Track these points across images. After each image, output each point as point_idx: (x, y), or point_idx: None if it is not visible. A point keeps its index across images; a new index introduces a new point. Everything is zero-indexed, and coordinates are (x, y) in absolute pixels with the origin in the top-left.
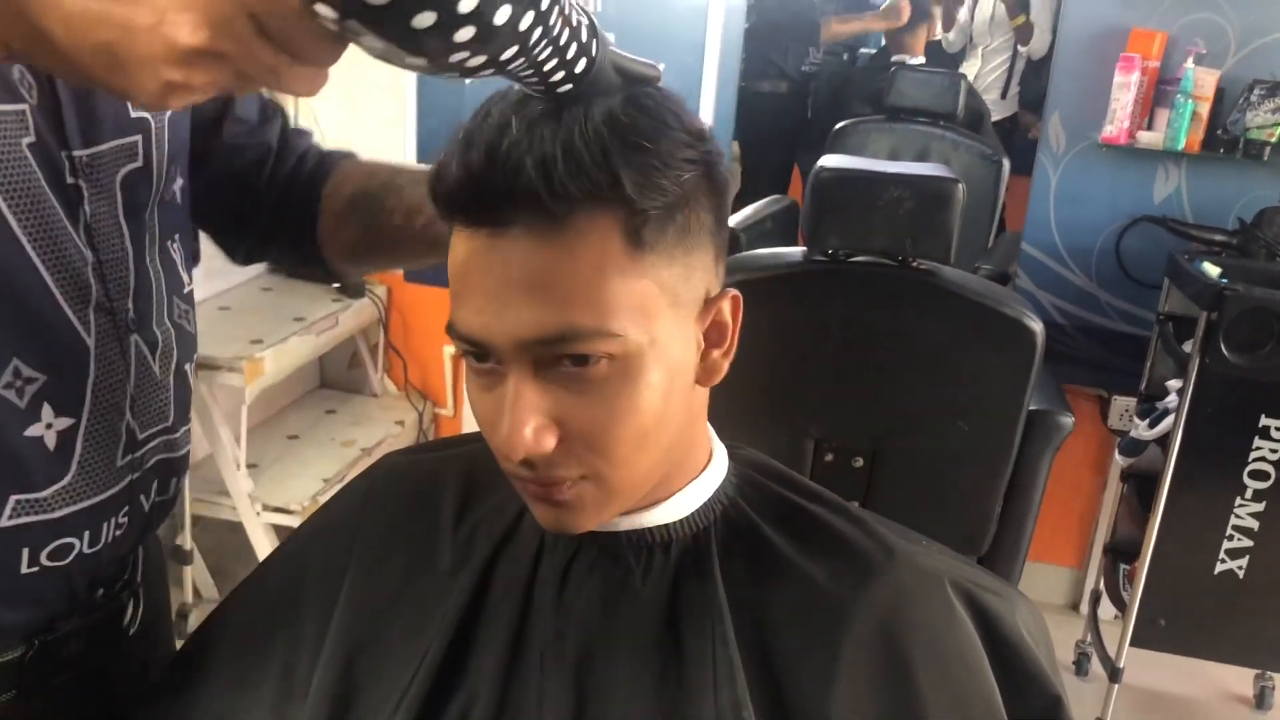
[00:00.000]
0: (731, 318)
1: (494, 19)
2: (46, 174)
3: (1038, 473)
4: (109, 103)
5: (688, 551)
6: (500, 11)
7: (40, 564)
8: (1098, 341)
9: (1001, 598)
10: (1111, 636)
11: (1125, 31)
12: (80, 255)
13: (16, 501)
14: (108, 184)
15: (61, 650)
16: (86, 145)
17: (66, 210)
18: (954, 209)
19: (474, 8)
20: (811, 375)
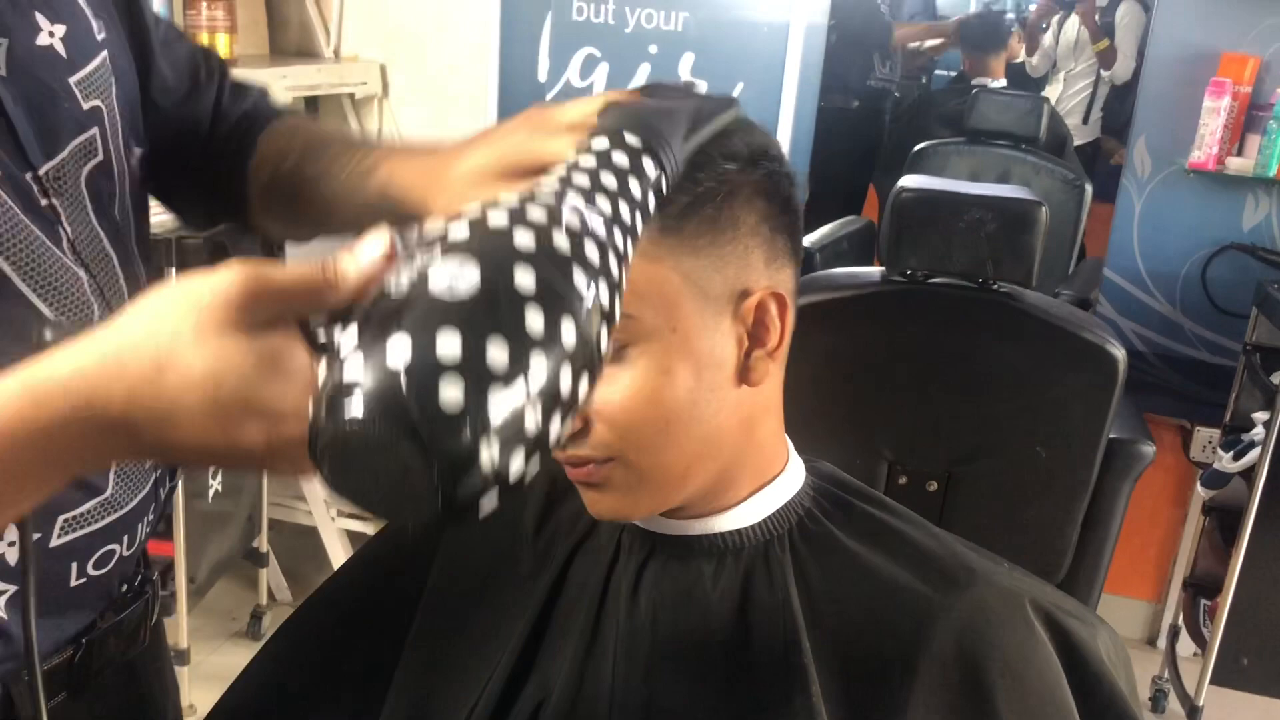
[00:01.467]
0: (779, 318)
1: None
2: (21, 204)
3: (1116, 503)
4: (61, 103)
5: (759, 557)
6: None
7: (87, 574)
8: (1180, 371)
9: (1084, 622)
10: (1190, 674)
11: (1215, 56)
12: (75, 278)
13: (63, 521)
14: (74, 191)
15: (102, 649)
16: (48, 157)
17: (49, 235)
18: (1037, 231)
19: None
20: (887, 396)
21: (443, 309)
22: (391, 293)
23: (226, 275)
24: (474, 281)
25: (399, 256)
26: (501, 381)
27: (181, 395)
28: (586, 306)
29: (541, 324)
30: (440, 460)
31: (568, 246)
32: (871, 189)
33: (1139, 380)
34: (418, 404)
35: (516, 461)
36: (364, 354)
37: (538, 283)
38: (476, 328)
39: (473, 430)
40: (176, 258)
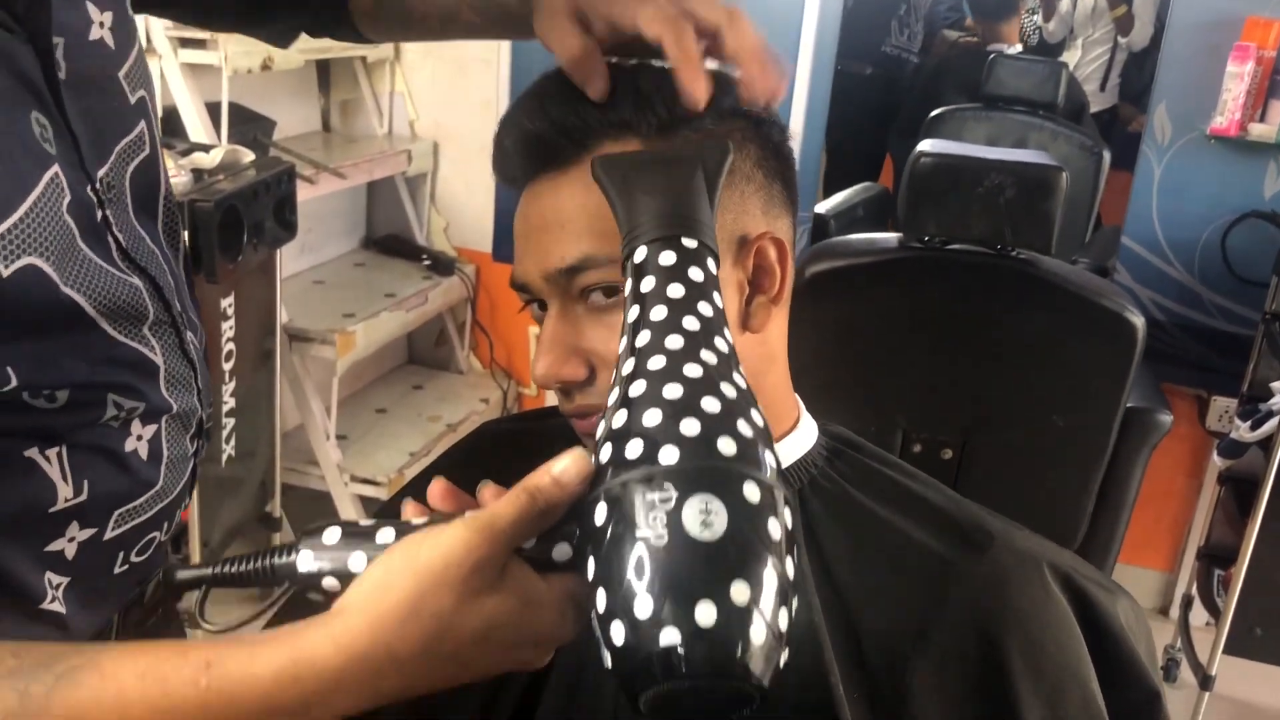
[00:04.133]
0: (779, 264)
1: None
2: (81, 226)
3: (1132, 472)
4: (113, 100)
5: None
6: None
7: (130, 561)
8: (1198, 340)
9: (1103, 587)
10: (1203, 643)
11: (1239, 20)
12: (131, 288)
13: (118, 515)
14: (120, 193)
15: (125, 621)
16: (102, 162)
17: (100, 252)
18: (1057, 198)
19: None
20: (902, 363)
21: (720, 558)
22: (651, 541)
23: (462, 542)
24: (725, 520)
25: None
26: (783, 600)
27: (455, 656)
28: (779, 485)
29: (780, 529)
30: (762, 686)
31: (750, 432)
32: (888, 156)
33: (1156, 349)
34: (738, 650)
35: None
36: (668, 617)
37: (761, 490)
38: (751, 566)
39: (779, 647)
40: (189, 222)
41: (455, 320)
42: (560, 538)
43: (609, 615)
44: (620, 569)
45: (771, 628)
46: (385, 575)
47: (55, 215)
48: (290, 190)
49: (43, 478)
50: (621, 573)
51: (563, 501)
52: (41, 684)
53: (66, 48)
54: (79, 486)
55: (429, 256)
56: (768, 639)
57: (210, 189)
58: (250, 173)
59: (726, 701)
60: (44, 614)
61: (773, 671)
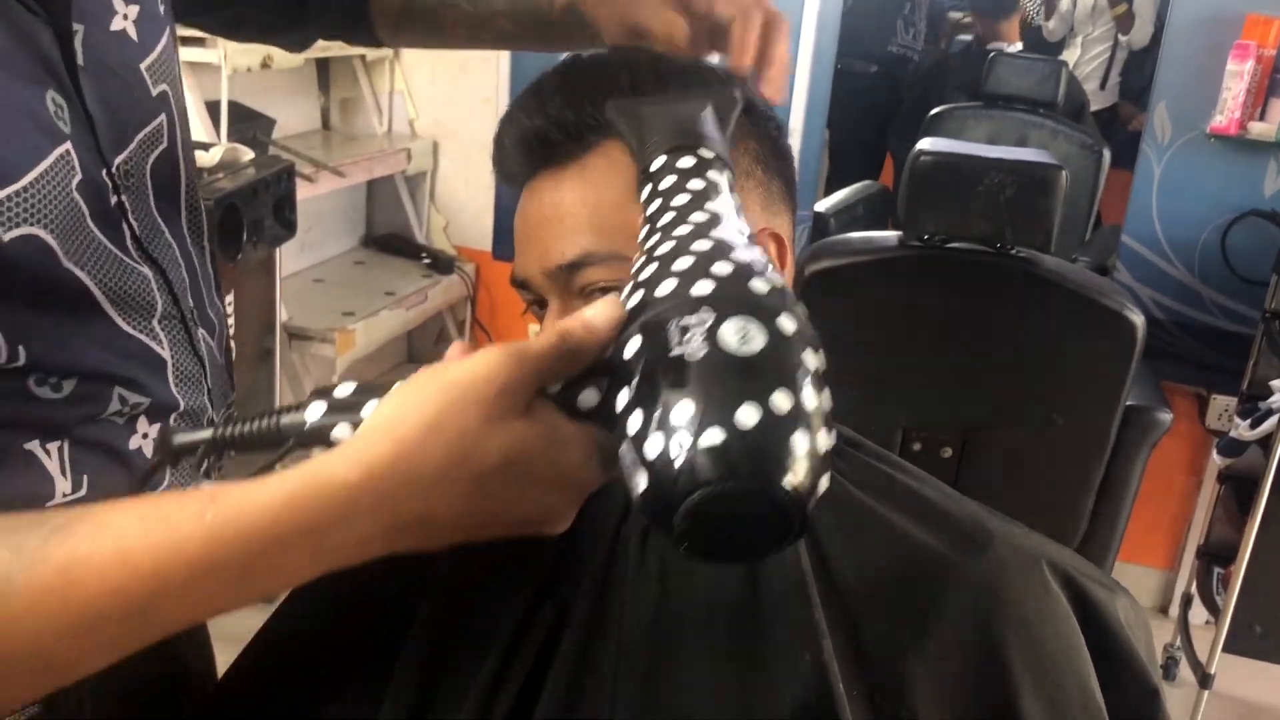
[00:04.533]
0: (779, 260)
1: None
2: (92, 208)
3: (1132, 470)
4: (133, 90)
5: None
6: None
7: None
8: (1198, 338)
9: (1102, 585)
10: (1202, 642)
11: (1239, 18)
12: (139, 276)
13: None
14: (140, 182)
15: None
16: (120, 150)
17: (113, 238)
18: (1056, 196)
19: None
20: (902, 362)
21: (760, 367)
22: (685, 357)
23: (490, 364)
24: (764, 338)
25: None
26: (821, 419)
27: (478, 484)
28: (802, 311)
29: (816, 360)
30: (801, 499)
31: (780, 282)
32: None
33: (1156, 348)
34: (781, 456)
35: (827, 476)
36: (718, 424)
37: (798, 324)
38: (791, 380)
39: (817, 466)
40: None
41: (455, 319)
42: (587, 384)
43: (643, 433)
44: (655, 387)
45: (814, 442)
46: (409, 393)
47: (63, 191)
48: (290, 189)
49: (40, 471)
50: (657, 390)
51: (591, 346)
52: (35, 538)
53: (86, 35)
54: (78, 482)
55: (429, 255)
56: (811, 451)
57: (210, 187)
58: (250, 171)
59: (763, 525)
60: None
61: (814, 491)
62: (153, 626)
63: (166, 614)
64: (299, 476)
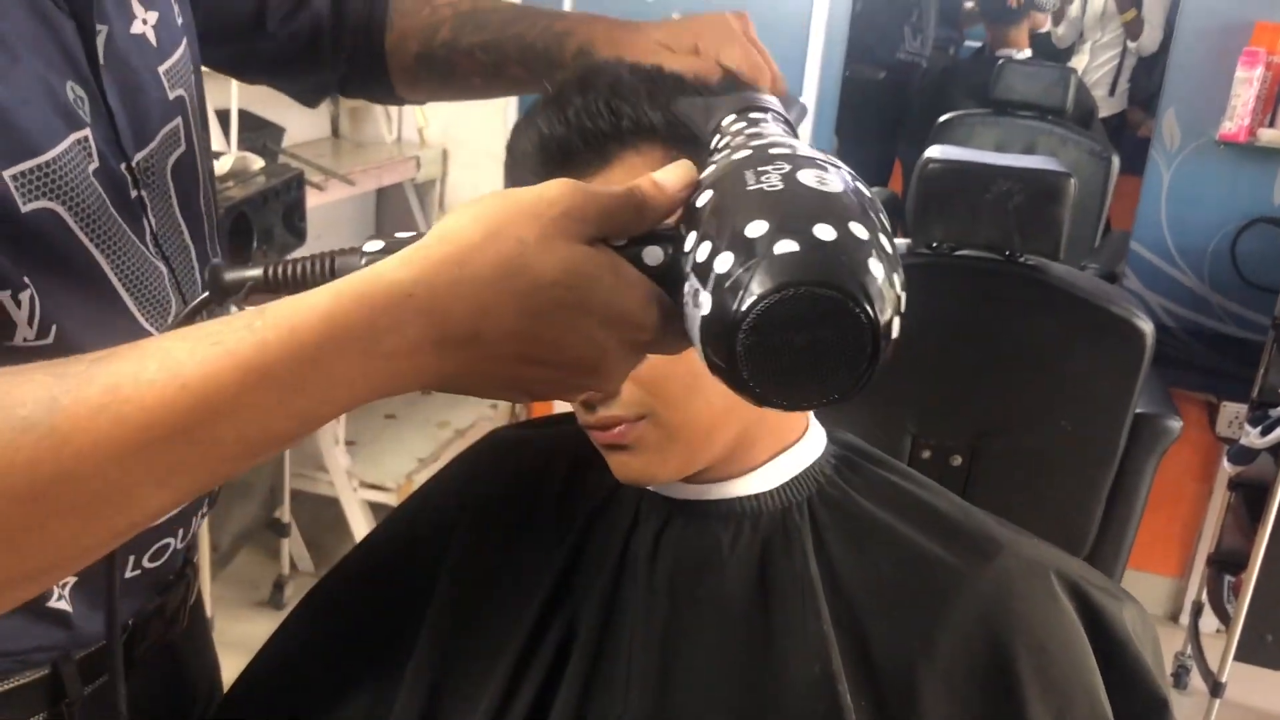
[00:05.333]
0: None
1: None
2: (112, 196)
3: (1142, 477)
4: (152, 92)
5: (777, 524)
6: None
7: (142, 566)
8: (1207, 345)
9: (1110, 595)
10: (1213, 650)
11: (1249, 25)
12: (155, 271)
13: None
14: (161, 182)
15: (145, 633)
16: (140, 147)
17: (133, 227)
18: (1065, 204)
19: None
20: (911, 370)
21: (838, 201)
22: (765, 189)
23: (558, 189)
24: (840, 182)
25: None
26: (894, 261)
27: (530, 299)
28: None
29: (883, 217)
30: (878, 325)
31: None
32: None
33: (1166, 355)
34: (859, 273)
35: (898, 329)
36: (792, 236)
37: (858, 194)
38: (867, 219)
39: (893, 302)
40: None
41: None
42: (652, 243)
43: (713, 255)
44: (728, 215)
45: (891, 276)
46: (472, 206)
47: (80, 174)
48: (299, 196)
49: None
50: (729, 218)
51: (660, 203)
52: (79, 365)
53: (110, 36)
54: None
55: None
56: (888, 281)
57: (220, 195)
58: (260, 179)
59: (834, 351)
60: (50, 612)
61: (889, 323)
62: (208, 449)
63: (220, 432)
64: (352, 279)
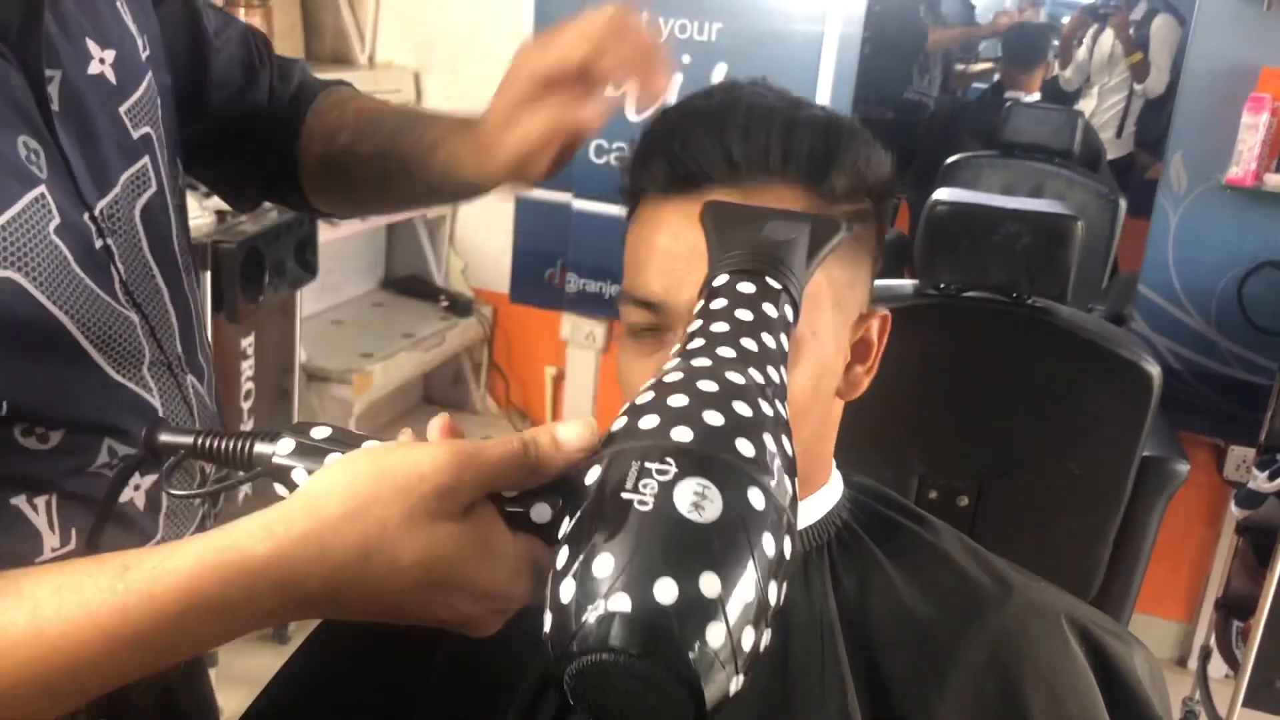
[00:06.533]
0: (878, 337)
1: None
2: (76, 252)
3: (1149, 521)
4: (112, 134)
5: (799, 567)
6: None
7: None
8: (1215, 388)
9: (1120, 639)
10: (1222, 695)
11: (1255, 70)
12: (125, 321)
13: None
14: (129, 227)
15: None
16: (102, 194)
17: (100, 281)
18: (1072, 247)
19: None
20: (919, 410)
21: (701, 541)
22: (635, 505)
23: (433, 461)
24: (718, 509)
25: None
26: (753, 617)
27: (389, 579)
28: (784, 522)
29: (775, 548)
30: (702, 698)
31: (774, 449)
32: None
33: (1173, 397)
34: (688, 643)
35: (746, 674)
36: (629, 593)
37: (768, 502)
38: (731, 565)
39: (734, 667)
40: (211, 262)
41: (472, 361)
42: (544, 499)
43: (564, 572)
44: (591, 527)
45: (732, 641)
46: (343, 472)
47: (40, 235)
48: (311, 231)
49: (28, 527)
50: (591, 531)
51: (556, 463)
52: None
53: (64, 80)
54: (66, 536)
55: (447, 297)
56: (724, 648)
57: (232, 230)
58: (273, 214)
59: (654, 709)
60: None
61: (718, 691)
62: (72, 696)
63: (85, 685)
64: (212, 544)
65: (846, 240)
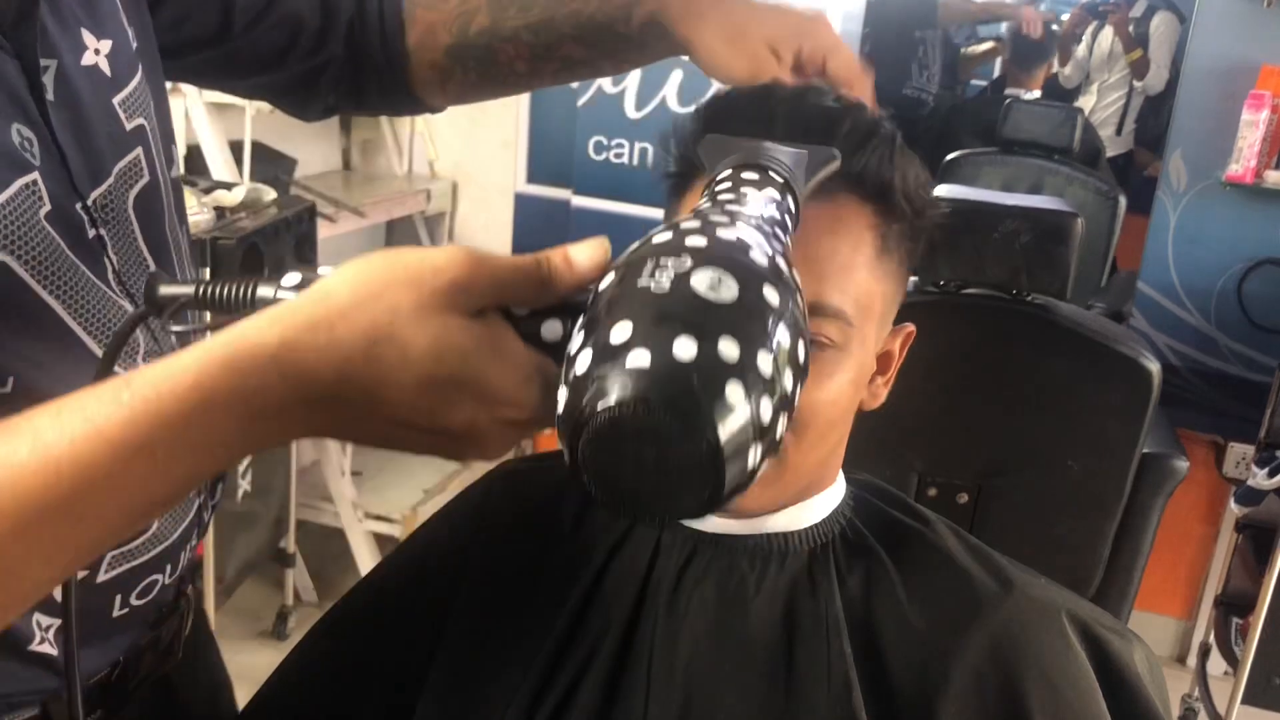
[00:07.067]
0: (900, 350)
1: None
2: (68, 239)
3: (1149, 518)
4: (106, 124)
5: (803, 565)
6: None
7: (130, 605)
8: (1214, 386)
9: (1120, 636)
10: (1221, 692)
11: (1255, 67)
12: (118, 309)
13: (112, 557)
14: (122, 217)
15: (138, 666)
16: (96, 184)
17: (93, 268)
18: (1072, 243)
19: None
20: (918, 408)
21: (719, 313)
22: (650, 288)
23: (448, 257)
24: (735, 292)
25: (615, 263)
26: (767, 388)
27: (396, 371)
28: (795, 322)
29: (790, 341)
30: (720, 455)
31: (788, 272)
32: None
33: (1173, 395)
34: (707, 398)
35: (762, 459)
36: (648, 348)
37: (780, 301)
38: (749, 336)
39: (749, 430)
40: (210, 259)
41: None
42: (555, 317)
43: (579, 350)
44: (608, 310)
45: (752, 407)
46: (355, 266)
47: (31, 221)
48: (311, 228)
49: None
50: (607, 312)
51: (566, 280)
52: None
53: (59, 70)
54: None
55: None
56: (745, 412)
57: (232, 227)
58: (272, 211)
59: (675, 477)
60: (34, 656)
61: (737, 455)
62: (90, 524)
63: (101, 508)
64: (218, 341)
65: (896, 257)
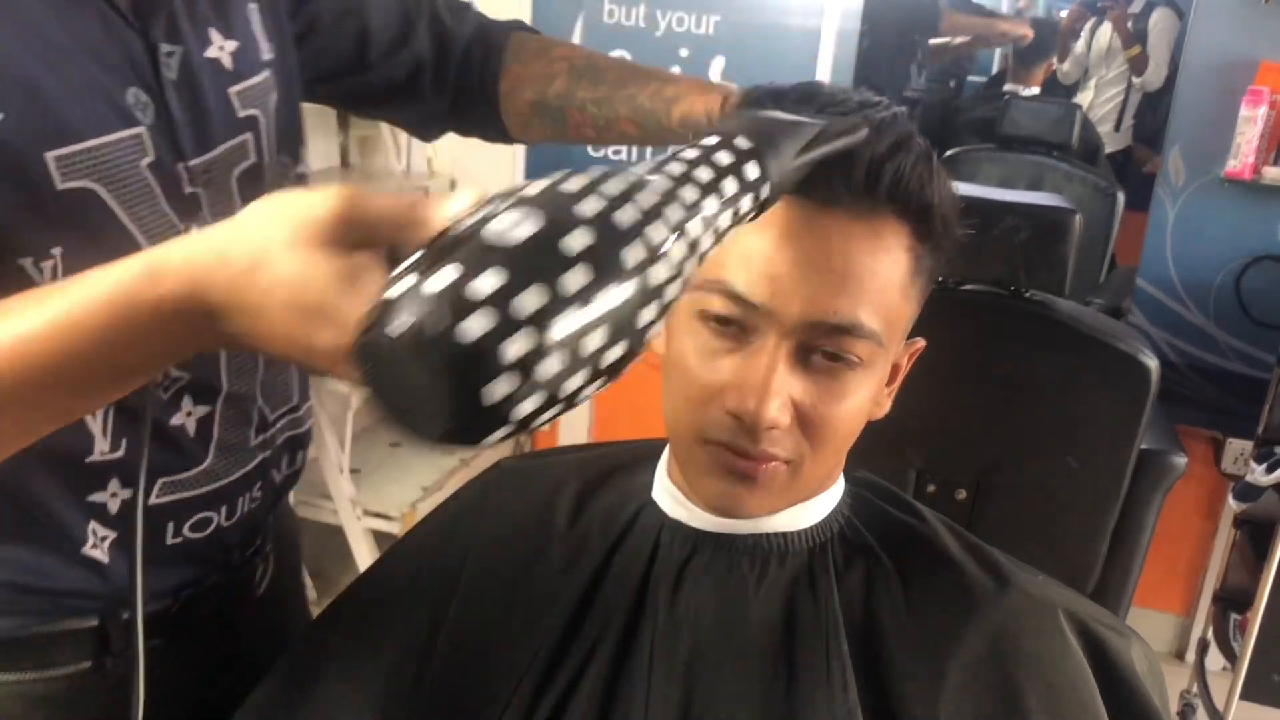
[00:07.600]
0: (907, 363)
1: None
2: (166, 188)
3: (1147, 514)
4: (219, 108)
5: (803, 564)
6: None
7: (184, 535)
8: (1213, 382)
9: (1118, 633)
10: (1219, 689)
11: (1254, 64)
12: None
13: (163, 483)
14: (224, 186)
15: (201, 605)
16: (200, 152)
17: (185, 220)
18: (1071, 240)
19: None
20: (916, 404)
21: (491, 251)
22: (459, 230)
23: (324, 196)
24: (527, 233)
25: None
26: (526, 326)
27: (269, 293)
28: (632, 284)
29: (578, 286)
30: (453, 385)
31: (630, 222)
32: None
33: (1171, 391)
34: (439, 329)
35: (527, 404)
36: (415, 277)
37: (587, 248)
38: (516, 273)
39: (485, 366)
40: None
41: None
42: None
43: (388, 282)
44: (426, 244)
45: (497, 342)
46: (261, 203)
47: (129, 162)
48: None
49: (82, 428)
50: (425, 251)
51: (435, 225)
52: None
53: (183, 56)
54: (116, 444)
55: None
56: (494, 337)
57: None
58: None
59: (426, 393)
60: (84, 559)
61: (484, 378)
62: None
63: (38, 371)
64: (138, 257)
65: (923, 274)
